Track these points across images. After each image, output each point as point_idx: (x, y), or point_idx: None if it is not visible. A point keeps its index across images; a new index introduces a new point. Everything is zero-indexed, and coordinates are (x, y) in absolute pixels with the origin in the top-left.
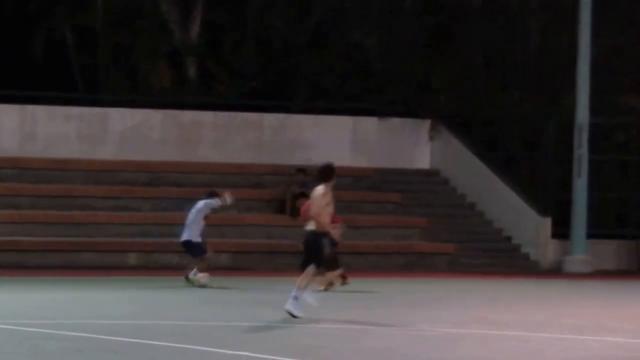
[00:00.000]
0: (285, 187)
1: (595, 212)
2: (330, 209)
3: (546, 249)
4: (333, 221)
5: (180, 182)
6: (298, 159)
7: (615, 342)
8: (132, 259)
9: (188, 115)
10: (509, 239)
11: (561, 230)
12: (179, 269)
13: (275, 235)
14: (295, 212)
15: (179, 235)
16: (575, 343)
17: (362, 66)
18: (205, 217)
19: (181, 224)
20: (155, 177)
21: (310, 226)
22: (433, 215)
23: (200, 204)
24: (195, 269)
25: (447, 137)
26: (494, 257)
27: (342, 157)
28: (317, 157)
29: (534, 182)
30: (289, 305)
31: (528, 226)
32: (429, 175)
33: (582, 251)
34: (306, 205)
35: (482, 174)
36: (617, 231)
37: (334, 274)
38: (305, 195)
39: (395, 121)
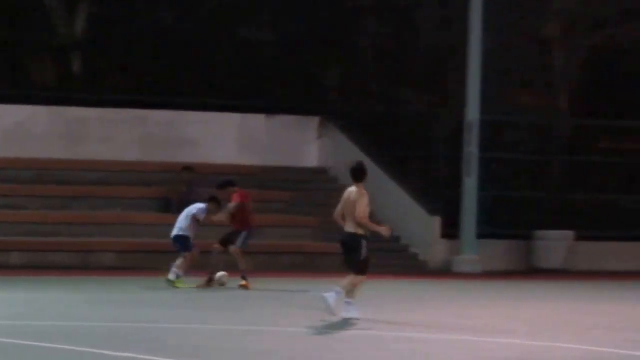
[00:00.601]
0: (172, 186)
1: (485, 211)
2: (368, 210)
3: (435, 249)
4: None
5: (66, 179)
6: (185, 157)
7: (508, 344)
8: (14, 258)
9: (74, 112)
10: (397, 238)
11: (451, 230)
12: (63, 269)
13: (161, 234)
14: (182, 210)
15: (65, 234)
16: (469, 344)
17: (252, 63)
18: (198, 221)
19: (67, 223)
20: (40, 175)
21: (349, 228)
22: (322, 214)
23: (194, 207)
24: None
25: (336, 134)
26: (383, 257)
27: (229, 155)
28: (204, 155)
29: (425, 181)
30: (346, 313)
31: (417, 226)
32: (318, 173)
33: (471, 251)
34: (235, 208)
35: (371, 172)
36: (507, 231)
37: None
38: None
39: (284, 118)
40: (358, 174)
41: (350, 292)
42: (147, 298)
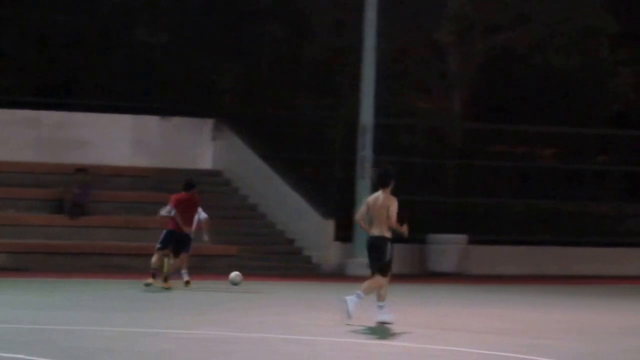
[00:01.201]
0: (65, 187)
1: None
2: (381, 213)
3: (328, 252)
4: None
5: None
6: (79, 158)
7: (401, 347)
8: None
9: None
10: (291, 241)
11: (345, 233)
12: None
13: (54, 235)
14: (75, 212)
15: None
16: (360, 347)
17: (147, 64)
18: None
19: None
20: None
21: (376, 231)
22: (216, 216)
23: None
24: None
25: (230, 137)
26: (276, 259)
27: (123, 157)
28: (98, 157)
29: (319, 184)
30: (379, 316)
31: (311, 228)
32: (212, 175)
33: (364, 254)
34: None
35: (265, 175)
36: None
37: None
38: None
39: (178, 120)
40: (384, 180)
41: (380, 295)
42: (39, 300)
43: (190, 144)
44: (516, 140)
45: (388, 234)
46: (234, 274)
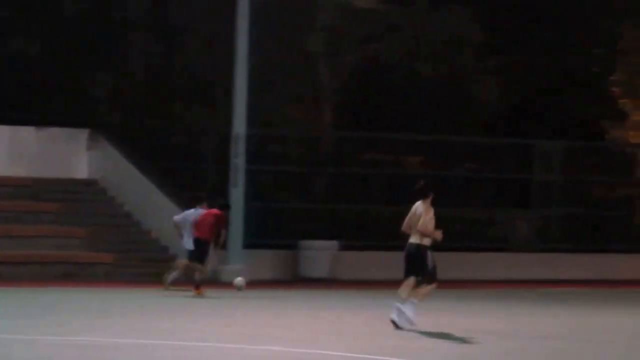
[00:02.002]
0: None
1: (252, 222)
2: (433, 223)
3: None
4: None
5: None
6: None
7: (275, 351)
8: None
9: None
10: (166, 248)
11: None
12: None
13: None
14: None
15: None
16: (233, 352)
17: (22, 75)
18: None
19: None
20: None
21: (414, 239)
22: (92, 225)
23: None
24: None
25: (105, 146)
26: (151, 266)
27: (0, 167)
28: None
29: (194, 192)
30: (394, 316)
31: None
32: (88, 184)
33: (238, 261)
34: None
35: (141, 183)
36: (274, 241)
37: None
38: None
39: (54, 130)
40: (424, 191)
41: (404, 297)
42: None
43: (66, 153)
44: (386, 148)
45: (425, 242)
46: (239, 279)
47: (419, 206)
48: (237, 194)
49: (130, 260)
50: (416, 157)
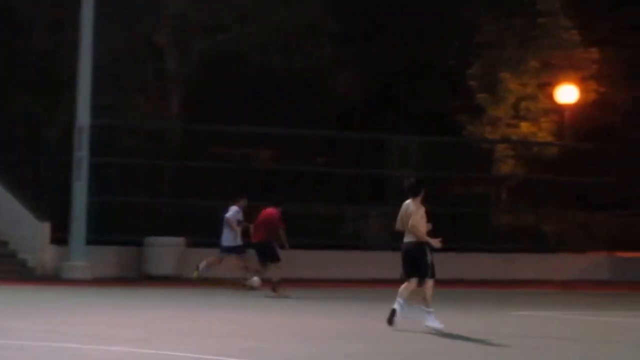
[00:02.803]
0: None
1: (96, 217)
2: (424, 221)
3: (44, 255)
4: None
5: None
6: None
7: (113, 351)
8: None
9: None
10: (5, 244)
11: (62, 236)
12: None
13: None
14: None
15: None
16: (75, 352)
17: None
18: (238, 223)
19: None
20: None
21: (409, 238)
22: None
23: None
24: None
25: None
26: None
27: None
28: None
29: (35, 186)
30: (429, 322)
31: (26, 231)
32: None
33: (81, 257)
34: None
35: None
36: (119, 237)
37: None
38: None
39: None
40: (415, 189)
41: (404, 295)
42: None
43: None
44: (236, 141)
45: (421, 239)
46: (254, 279)
47: (410, 205)
48: (80, 188)
49: None
50: (267, 151)
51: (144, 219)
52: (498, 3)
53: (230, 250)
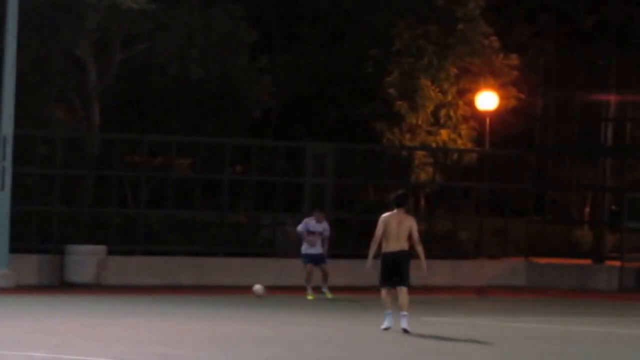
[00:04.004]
0: None
1: (17, 226)
2: (406, 231)
3: None
4: None
5: None
6: None
7: (36, 357)
8: None
9: None
10: None
11: None
12: None
13: None
14: None
15: None
16: None
17: None
18: (309, 233)
19: None
20: None
21: (398, 246)
22: None
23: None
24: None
25: None
26: None
27: None
28: None
29: None
30: (406, 325)
31: None
32: None
33: (2, 265)
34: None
35: None
36: (40, 245)
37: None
38: None
39: None
40: (402, 201)
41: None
42: None
43: None
44: (154, 150)
45: (407, 248)
46: (258, 286)
47: (402, 216)
48: (3, 198)
49: None
50: (185, 160)
51: (65, 227)
52: (413, 11)
53: None
